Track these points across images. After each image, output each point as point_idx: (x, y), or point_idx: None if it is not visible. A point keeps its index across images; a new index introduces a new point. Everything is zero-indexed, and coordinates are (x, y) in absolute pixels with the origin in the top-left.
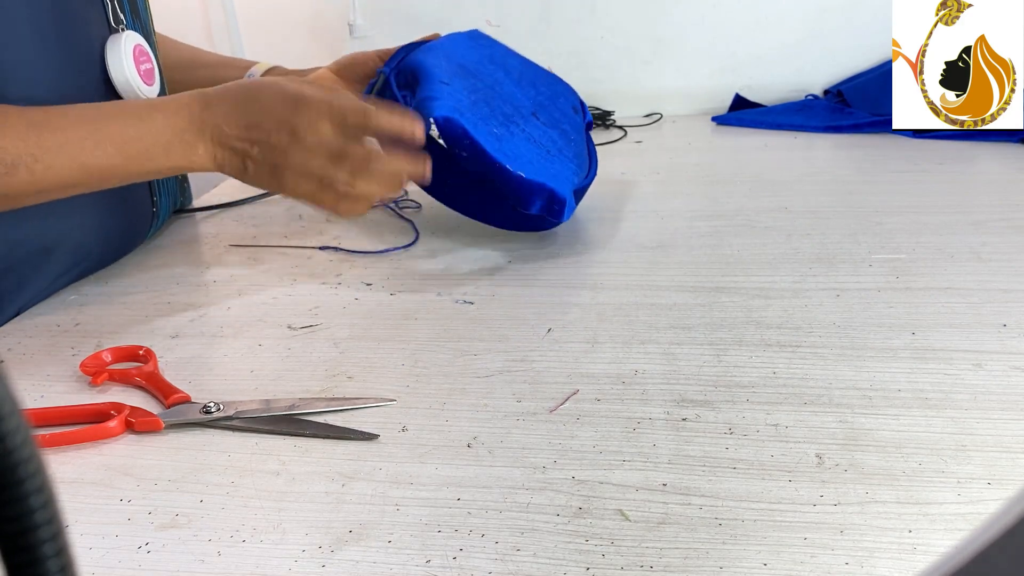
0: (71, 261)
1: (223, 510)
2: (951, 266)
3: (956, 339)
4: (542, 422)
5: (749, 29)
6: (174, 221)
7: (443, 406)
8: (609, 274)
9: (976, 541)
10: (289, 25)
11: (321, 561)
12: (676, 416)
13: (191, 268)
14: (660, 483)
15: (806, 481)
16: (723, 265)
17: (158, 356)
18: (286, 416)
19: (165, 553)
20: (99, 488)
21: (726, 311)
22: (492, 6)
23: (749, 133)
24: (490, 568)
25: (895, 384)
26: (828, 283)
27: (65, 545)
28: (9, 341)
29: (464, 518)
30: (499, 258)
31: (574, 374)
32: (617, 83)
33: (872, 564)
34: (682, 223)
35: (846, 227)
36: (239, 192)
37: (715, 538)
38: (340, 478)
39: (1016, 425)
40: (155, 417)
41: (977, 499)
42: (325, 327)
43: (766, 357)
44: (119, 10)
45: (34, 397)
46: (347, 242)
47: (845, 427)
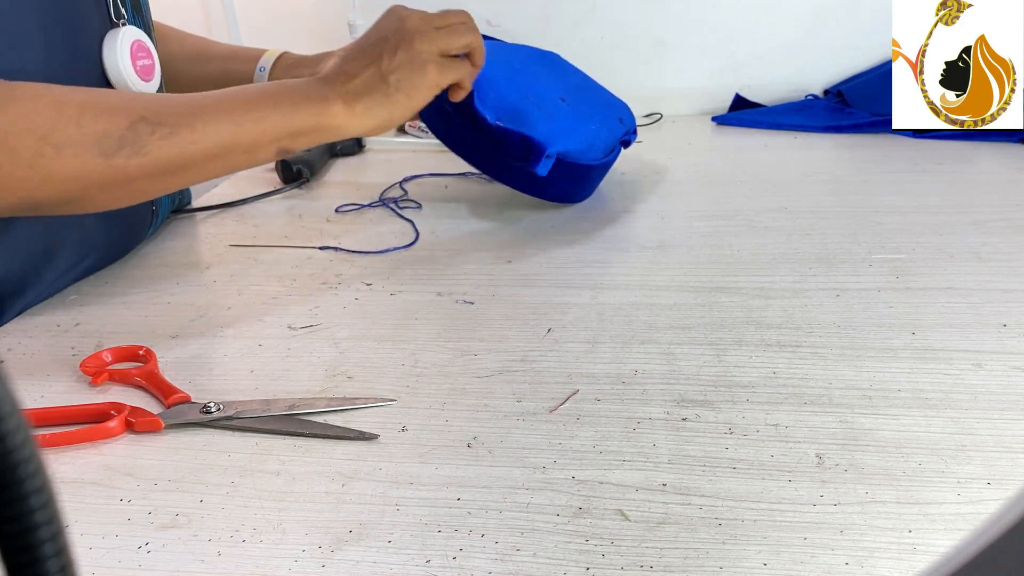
0: (72, 262)
1: (223, 510)
2: (951, 266)
3: (956, 339)
4: (542, 422)
5: (749, 29)
6: (174, 221)
7: (443, 406)
8: (609, 274)
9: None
10: (289, 24)
11: (321, 561)
12: (676, 416)
13: (191, 268)
14: (660, 483)
15: (806, 481)
16: (723, 265)
17: (158, 356)
18: (286, 416)
19: (165, 553)
20: (99, 488)
21: (726, 311)
22: (492, 6)
23: (749, 133)
24: (490, 568)
25: (895, 384)
26: (828, 283)
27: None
28: (9, 341)
29: (464, 518)
30: (499, 258)
31: (574, 374)
32: (617, 83)
33: (872, 564)
34: (682, 223)
35: (846, 227)
36: (239, 192)
37: (715, 538)
38: (340, 478)
39: (1016, 425)
40: (155, 417)
41: (977, 499)
42: (325, 327)
43: (766, 357)
44: (120, 5)
45: (34, 397)
46: (347, 242)
47: (845, 427)
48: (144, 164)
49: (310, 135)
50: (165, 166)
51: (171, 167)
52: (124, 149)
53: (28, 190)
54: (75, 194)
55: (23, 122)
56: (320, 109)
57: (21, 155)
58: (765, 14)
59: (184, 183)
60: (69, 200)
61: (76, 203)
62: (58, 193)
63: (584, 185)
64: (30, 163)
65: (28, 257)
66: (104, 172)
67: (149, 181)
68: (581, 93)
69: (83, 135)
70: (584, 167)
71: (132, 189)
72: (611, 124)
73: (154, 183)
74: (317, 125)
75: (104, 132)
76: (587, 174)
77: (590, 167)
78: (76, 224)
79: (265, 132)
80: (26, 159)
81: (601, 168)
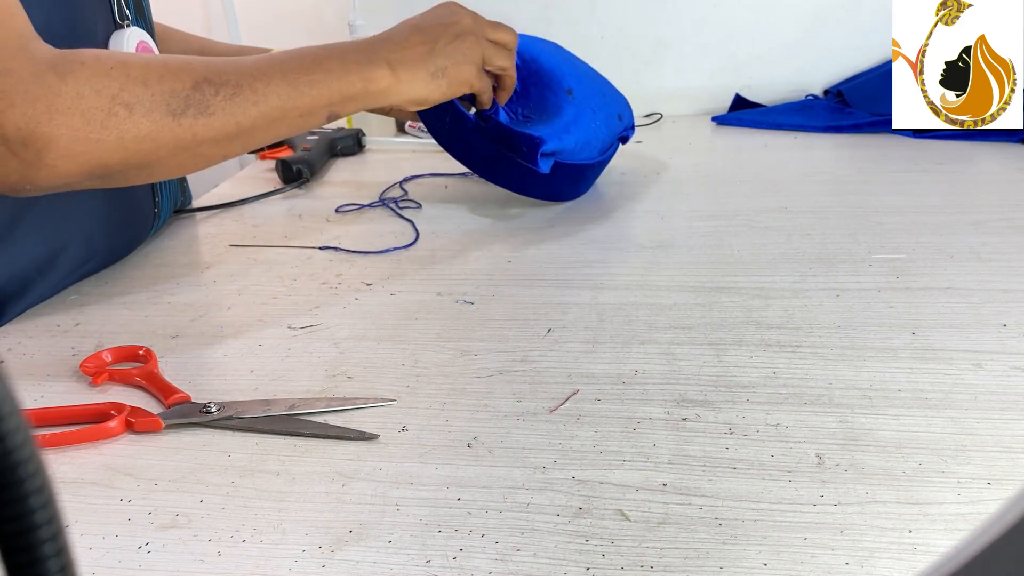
0: (76, 264)
1: (223, 510)
2: (951, 266)
3: (956, 339)
4: (542, 422)
5: (749, 29)
6: (174, 221)
7: (443, 406)
8: (609, 274)
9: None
10: (288, 25)
11: (321, 561)
12: (676, 416)
13: (191, 268)
14: (660, 483)
15: (806, 481)
16: (723, 265)
17: (158, 356)
18: (286, 416)
19: (165, 553)
20: (99, 488)
21: (726, 311)
22: (492, 6)
23: (749, 133)
24: (490, 568)
25: (895, 384)
26: (828, 283)
27: (65, 545)
28: (9, 341)
29: (464, 518)
30: (499, 258)
31: (574, 374)
32: (617, 83)
33: (872, 564)
34: (682, 223)
35: (846, 227)
36: (239, 192)
37: (715, 538)
38: (340, 478)
39: (1016, 425)
40: (155, 417)
41: (977, 499)
42: (325, 327)
43: (766, 357)
44: (124, 7)
45: (34, 397)
46: (347, 242)
47: (845, 427)
48: (211, 124)
49: (360, 100)
50: (231, 128)
51: (236, 129)
52: (191, 108)
53: (102, 153)
54: (147, 157)
55: (94, 83)
56: (369, 74)
57: (95, 116)
58: (765, 14)
59: (245, 147)
60: (140, 164)
61: (146, 168)
62: (131, 156)
63: (580, 183)
64: (103, 123)
65: (32, 260)
66: (174, 132)
67: (214, 145)
68: (592, 84)
69: (152, 94)
70: (579, 167)
71: (198, 153)
72: (610, 121)
73: (219, 147)
74: (366, 90)
75: (172, 91)
76: (582, 173)
77: (585, 166)
78: (80, 227)
79: (320, 96)
80: (99, 120)
81: (597, 166)
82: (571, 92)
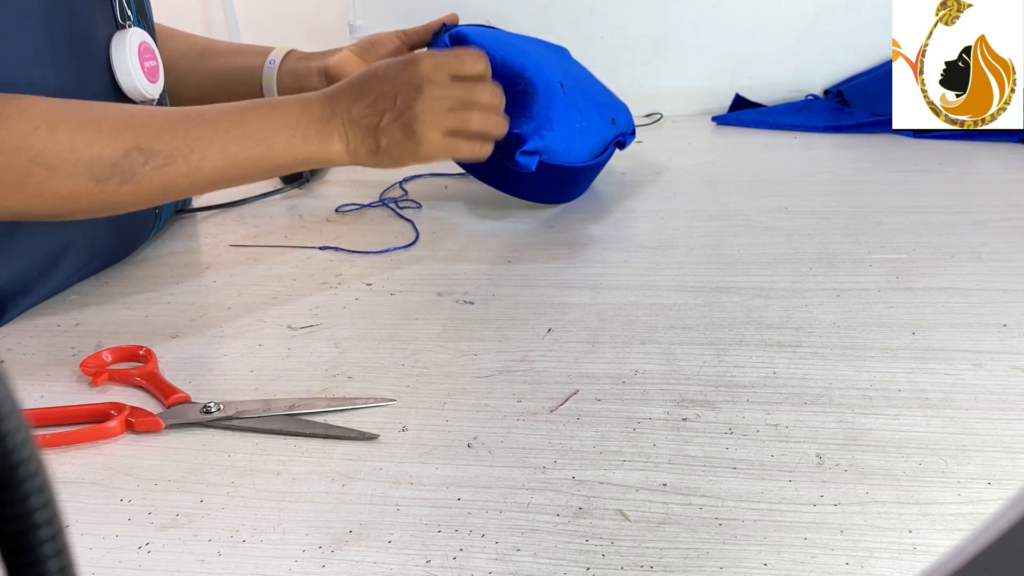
0: (77, 265)
1: (223, 510)
2: (951, 266)
3: (956, 339)
4: (542, 422)
5: (749, 29)
6: (174, 221)
7: (443, 406)
8: (609, 274)
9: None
10: (289, 25)
11: (321, 561)
12: (676, 416)
13: (191, 268)
14: (660, 483)
15: (806, 481)
16: (723, 265)
17: (158, 356)
18: (286, 416)
19: (165, 553)
20: (99, 488)
21: (726, 311)
22: (492, 5)
23: (749, 133)
24: (490, 568)
25: (895, 384)
26: (828, 283)
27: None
28: (9, 341)
29: (464, 518)
30: (499, 258)
31: (574, 374)
32: (617, 83)
33: (872, 564)
34: (682, 223)
35: (846, 227)
36: (239, 192)
37: (715, 538)
38: (340, 478)
39: (1016, 425)
40: (155, 417)
41: (977, 499)
42: (325, 327)
43: (766, 357)
44: (126, 7)
45: (34, 397)
46: (347, 242)
47: (845, 427)
48: (136, 191)
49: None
50: (157, 195)
51: (163, 195)
52: (116, 176)
53: (17, 204)
54: (63, 212)
55: (15, 141)
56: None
57: (13, 173)
58: (765, 14)
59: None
60: (56, 215)
61: (61, 218)
62: (47, 210)
63: (571, 185)
64: (22, 181)
65: (34, 261)
66: (95, 197)
67: (137, 205)
68: (581, 86)
69: (77, 160)
70: (569, 168)
71: (119, 210)
72: (601, 124)
73: (142, 205)
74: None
75: (99, 159)
76: (572, 175)
77: (575, 168)
78: (82, 229)
79: (259, 168)
80: (18, 177)
81: (589, 169)
82: (563, 86)
